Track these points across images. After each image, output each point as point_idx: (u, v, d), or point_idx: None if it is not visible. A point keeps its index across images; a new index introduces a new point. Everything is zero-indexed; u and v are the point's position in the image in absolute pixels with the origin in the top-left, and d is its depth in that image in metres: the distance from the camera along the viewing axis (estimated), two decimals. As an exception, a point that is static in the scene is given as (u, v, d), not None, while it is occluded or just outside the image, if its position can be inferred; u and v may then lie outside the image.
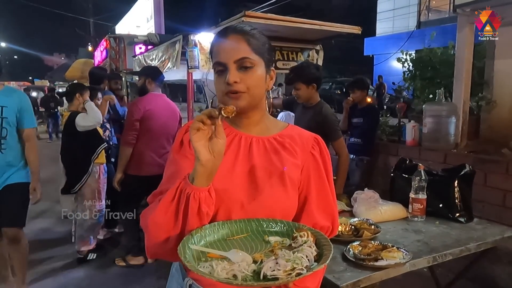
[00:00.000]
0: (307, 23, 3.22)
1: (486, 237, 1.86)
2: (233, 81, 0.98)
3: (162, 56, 4.14)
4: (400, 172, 2.32)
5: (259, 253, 0.88)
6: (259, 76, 1.03)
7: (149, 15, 10.55)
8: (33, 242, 3.90)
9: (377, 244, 1.66)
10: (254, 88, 1.02)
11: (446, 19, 12.91)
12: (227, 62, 1.00)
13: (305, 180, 1.07)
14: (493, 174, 3.13)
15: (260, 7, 15.35)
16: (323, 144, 1.12)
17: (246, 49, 1.01)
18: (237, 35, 1.02)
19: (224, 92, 1.01)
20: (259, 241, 0.94)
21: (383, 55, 14.88)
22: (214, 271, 0.80)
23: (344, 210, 2.23)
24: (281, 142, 1.08)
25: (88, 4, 22.21)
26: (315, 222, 1.05)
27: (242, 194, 0.97)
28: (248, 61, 1.00)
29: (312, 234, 0.93)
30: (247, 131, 1.09)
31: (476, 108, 4.13)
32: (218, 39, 1.04)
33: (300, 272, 0.79)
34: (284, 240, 0.94)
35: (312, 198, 1.06)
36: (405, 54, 4.97)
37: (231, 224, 0.97)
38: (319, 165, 1.08)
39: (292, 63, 3.85)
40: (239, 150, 1.05)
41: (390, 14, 16.72)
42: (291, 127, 1.15)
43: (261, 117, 1.11)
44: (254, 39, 1.03)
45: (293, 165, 1.05)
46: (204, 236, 0.93)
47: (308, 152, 1.08)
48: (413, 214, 2.07)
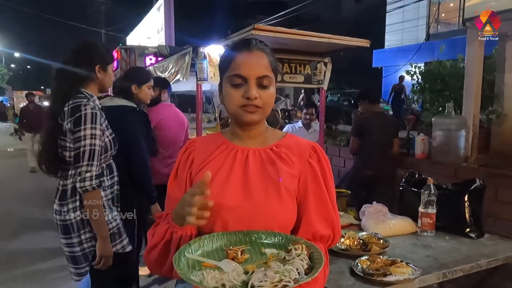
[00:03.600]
0: (316, 36, 3.23)
1: (497, 253, 1.82)
2: (254, 97, 1.01)
3: (172, 68, 4.19)
4: (409, 185, 2.30)
5: (252, 265, 0.91)
6: (273, 93, 1.07)
7: (160, 27, 10.70)
8: (41, 250, 3.94)
9: (385, 259, 1.64)
10: (268, 105, 1.06)
11: (456, 32, 12.88)
12: (249, 77, 1.02)
13: (302, 189, 1.08)
14: (505, 188, 3.08)
15: (269, 19, 15.50)
16: (322, 152, 1.13)
17: (268, 67, 1.05)
18: (261, 52, 1.05)
19: (239, 105, 1.03)
20: (255, 252, 0.96)
21: (391, 67, 14.85)
22: (204, 279, 0.83)
23: (352, 223, 2.21)
24: (277, 153, 1.09)
25: (100, 15, 22.64)
26: (315, 230, 1.05)
27: (238, 206, 0.99)
28: (267, 80, 1.04)
29: (306, 248, 0.95)
30: (245, 144, 1.11)
31: (486, 122, 4.09)
32: (239, 51, 1.04)
33: (287, 284, 0.81)
34: (280, 252, 0.96)
35: (311, 207, 1.07)
36: (414, 67, 4.97)
37: (230, 235, 0.99)
38: (316, 173, 1.09)
39: (299, 76, 3.86)
40: (234, 163, 1.07)
41: (399, 27, 16.74)
42: (289, 137, 1.16)
43: (262, 131, 1.13)
44: (272, 58, 1.08)
45: (289, 175, 1.06)
46: (202, 246, 0.96)
47: (305, 161, 1.09)
48: (423, 229, 2.04)
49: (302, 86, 4.13)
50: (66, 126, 1.77)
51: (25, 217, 5.21)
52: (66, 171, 1.85)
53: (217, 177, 1.02)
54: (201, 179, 0.90)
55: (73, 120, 1.77)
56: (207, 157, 1.09)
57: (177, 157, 1.16)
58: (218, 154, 1.09)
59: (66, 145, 1.80)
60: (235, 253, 0.93)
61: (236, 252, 0.94)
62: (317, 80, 3.99)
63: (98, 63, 1.91)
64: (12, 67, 38.34)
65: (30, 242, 4.26)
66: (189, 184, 1.09)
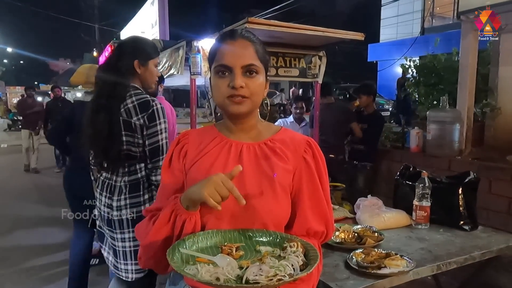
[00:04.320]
0: (310, 30, 3.21)
1: (491, 245, 1.84)
2: (239, 86, 0.99)
3: (166, 62, 4.15)
4: (403, 179, 2.31)
5: (246, 260, 0.90)
6: (261, 83, 1.05)
7: (154, 21, 10.61)
8: (36, 247, 3.93)
9: (380, 251, 1.65)
10: (256, 95, 1.03)
11: (450, 26, 12.90)
12: (234, 66, 1.00)
13: (297, 184, 1.07)
14: (498, 181, 3.11)
15: (264, 13, 15.43)
16: (317, 147, 1.11)
17: (253, 55, 1.03)
18: (246, 41, 1.03)
19: (225, 96, 1.01)
20: (250, 250, 0.96)
21: (387, 61, 14.86)
22: (198, 273, 0.83)
23: (347, 217, 2.22)
24: (272, 147, 1.08)
25: (93, 9, 22.41)
26: (309, 227, 1.05)
27: (232, 202, 0.97)
28: (254, 68, 1.02)
29: (302, 245, 0.94)
30: (238, 138, 1.09)
31: (480, 115, 4.11)
32: (224, 41, 1.04)
33: (281, 278, 0.81)
34: (275, 250, 0.96)
35: (305, 203, 1.06)
36: (408, 61, 4.97)
37: (224, 233, 0.99)
38: (311, 169, 1.08)
39: (293, 69, 3.85)
40: (228, 158, 1.06)
41: (394, 20, 16.72)
42: (284, 131, 1.14)
43: (254, 124, 1.11)
44: (260, 47, 1.06)
45: (284, 171, 1.05)
46: (197, 242, 0.95)
47: (300, 156, 1.08)
48: (417, 222, 2.05)
49: (297, 80, 4.11)
50: (137, 122, 1.80)
51: (19, 213, 5.18)
52: (129, 167, 1.87)
53: (211, 172, 1.00)
54: (230, 172, 0.94)
55: (147, 115, 1.80)
56: (201, 150, 1.08)
57: (169, 147, 1.14)
58: (212, 147, 1.08)
59: (134, 141, 1.83)
60: (230, 249, 0.93)
61: (231, 248, 0.93)
62: (312, 74, 3.97)
63: (137, 58, 1.89)
64: (5, 62, 37.99)
65: (25, 238, 4.24)
66: (184, 176, 1.08)
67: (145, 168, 1.88)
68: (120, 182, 1.87)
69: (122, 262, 1.90)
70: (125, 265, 1.90)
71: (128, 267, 1.90)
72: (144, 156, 1.86)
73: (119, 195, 1.86)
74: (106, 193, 1.90)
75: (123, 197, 1.86)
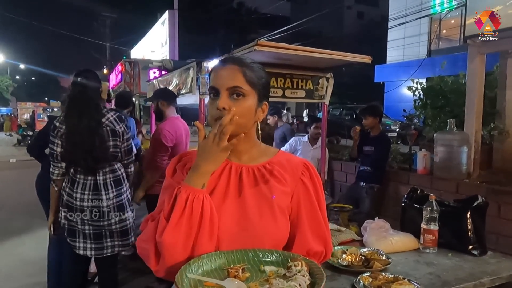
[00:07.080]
0: (318, 52, 3.26)
1: (501, 271, 1.80)
2: (221, 107, 1.01)
3: (176, 82, 4.23)
4: (411, 202, 2.29)
5: (254, 282, 0.91)
6: (249, 106, 1.05)
7: (164, 41, 10.85)
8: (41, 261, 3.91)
9: (388, 275, 1.63)
10: (243, 117, 1.03)
11: (457, 48, 12.98)
12: (220, 88, 1.04)
13: (295, 206, 1.09)
14: (507, 205, 3.07)
15: (272, 33, 15.68)
16: (313, 169, 1.14)
17: (240, 79, 1.04)
18: (234, 65, 1.06)
19: (214, 117, 1.03)
20: (255, 270, 0.96)
21: (393, 82, 14.93)
22: None
23: (354, 239, 2.20)
24: (270, 170, 1.10)
25: (105, 28, 22.94)
26: (309, 248, 1.06)
27: (232, 224, 0.98)
28: (240, 90, 1.04)
29: (306, 264, 0.95)
30: (237, 160, 1.11)
31: (488, 138, 4.10)
32: (217, 65, 1.09)
33: None
34: (279, 269, 0.97)
35: (304, 224, 1.08)
36: (415, 83, 5.00)
37: (228, 254, 0.99)
38: (309, 191, 1.10)
39: (300, 91, 3.89)
40: (229, 180, 1.08)
41: (400, 42, 16.89)
42: (281, 154, 1.17)
43: (250, 147, 1.12)
44: (250, 71, 1.06)
45: (282, 193, 1.07)
46: (202, 266, 0.96)
47: (298, 179, 1.10)
48: (425, 246, 2.03)
49: (304, 101, 4.15)
50: (119, 129, 2.41)
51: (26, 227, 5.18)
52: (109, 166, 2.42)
53: (214, 194, 1.03)
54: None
55: (124, 125, 2.47)
56: None
57: (170, 164, 1.14)
58: None
59: (117, 144, 2.41)
60: (236, 271, 0.93)
61: (237, 270, 0.94)
62: (319, 95, 4.01)
63: None
64: (17, 78, 38.76)
65: (31, 253, 4.23)
66: None
67: (122, 165, 2.49)
68: (105, 180, 2.39)
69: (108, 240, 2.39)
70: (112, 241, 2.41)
71: (115, 242, 2.42)
72: (120, 156, 2.47)
73: (106, 190, 2.37)
74: (89, 191, 2.35)
75: (110, 191, 2.39)
